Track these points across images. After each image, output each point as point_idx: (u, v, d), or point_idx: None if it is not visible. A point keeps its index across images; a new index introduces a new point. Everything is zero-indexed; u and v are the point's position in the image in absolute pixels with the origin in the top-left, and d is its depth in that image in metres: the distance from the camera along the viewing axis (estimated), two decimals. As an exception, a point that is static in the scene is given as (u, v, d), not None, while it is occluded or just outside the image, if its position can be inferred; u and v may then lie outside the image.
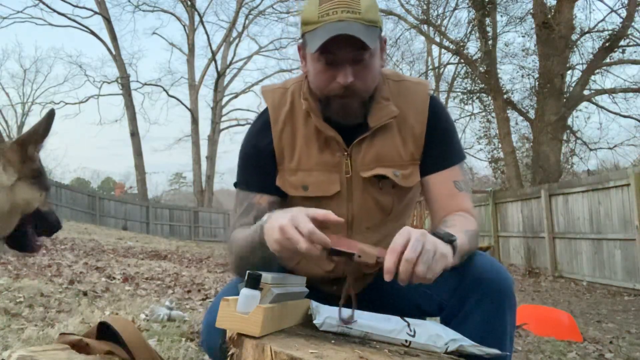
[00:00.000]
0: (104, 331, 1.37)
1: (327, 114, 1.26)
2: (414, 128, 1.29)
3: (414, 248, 0.95)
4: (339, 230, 1.28)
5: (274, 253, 1.07)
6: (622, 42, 12.41)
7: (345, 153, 1.26)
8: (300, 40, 1.27)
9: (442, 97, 22.52)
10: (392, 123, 1.28)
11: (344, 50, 1.15)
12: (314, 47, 1.14)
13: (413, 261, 0.95)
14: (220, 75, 24.85)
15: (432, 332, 1.08)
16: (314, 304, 1.14)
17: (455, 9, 16.21)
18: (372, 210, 1.30)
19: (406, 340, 1.06)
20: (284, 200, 1.32)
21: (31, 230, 1.44)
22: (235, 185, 1.36)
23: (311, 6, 1.18)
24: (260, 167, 1.31)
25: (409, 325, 1.09)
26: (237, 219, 1.31)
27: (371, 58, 1.19)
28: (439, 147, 1.30)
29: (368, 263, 1.00)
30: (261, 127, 1.33)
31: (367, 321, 1.09)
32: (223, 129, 27.26)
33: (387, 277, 0.96)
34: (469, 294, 1.19)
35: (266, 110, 1.34)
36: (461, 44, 14.86)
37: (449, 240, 1.05)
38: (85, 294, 3.70)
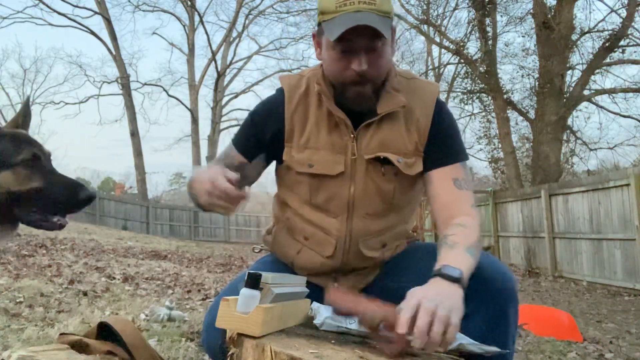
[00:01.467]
0: (104, 331, 1.37)
1: (341, 101, 1.31)
2: (419, 121, 1.34)
3: (428, 308, 0.94)
4: (341, 210, 1.32)
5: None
6: (622, 42, 12.40)
7: (352, 136, 1.31)
8: (316, 29, 1.33)
9: (442, 97, 22.51)
10: (399, 113, 1.33)
11: (359, 39, 1.20)
12: (332, 35, 1.20)
13: (428, 319, 0.93)
14: (220, 75, 24.83)
15: None
16: (315, 304, 1.14)
17: (455, 9, 16.24)
18: (373, 196, 1.33)
19: None
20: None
21: (31, 213, 1.31)
22: (232, 139, 1.47)
23: None
24: (254, 135, 1.40)
25: None
26: (213, 161, 1.49)
27: (384, 47, 1.24)
28: (442, 144, 1.34)
29: (370, 325, 0.99)
30: (275, 102, 1.40)
31: None
32: (223, 129, 27.23)
33: (401, 330, 0.93)
34: (473, 294, 1.19)
35: (281, 89, 1.40)
36: (461, 44, 14.86)
37: (456, 279, 1.06)
38: (85, 294, 3.70)
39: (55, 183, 1.32)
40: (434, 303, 0.95)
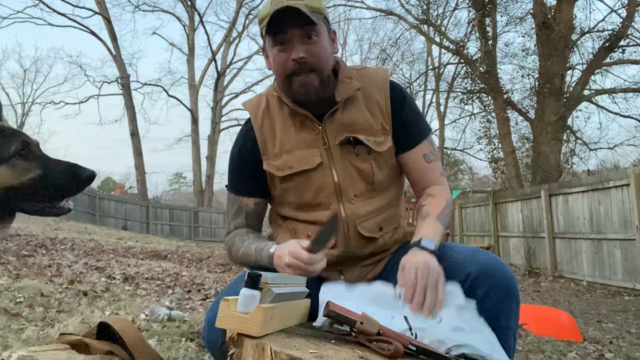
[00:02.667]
0: (104, 331, 1.37)
1: (291, 96, 1.39)
2: (379, 102, 1.43)
3: (423, 279, 1.19)
4: (331, 199, 1.39)
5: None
6: (622, 42, 12.40)
7: (320, 128, 1.39)
8: (263, 44, 1.42)
9: (442, 97, 22.54)
10: (358, 97, 1.41)
11: (292, 29, 1.30)
12: (266, 29, 1.31)
13: (424, 290, 1.18)
14: (220, 75, 24.83)
15: (435, 337, 1.06)
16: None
17: (455, 9, 16.24)
18: (355, 177, 1.40)
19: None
20: (267, 201, 1.52)
21: (35, 203, 1.26)
22: (227, 187, 1.54)
23: (263, 8, 1.34)
24: (245, 172, 1.48)
25: (410, 329, 1.07)
26: (232, 219, 1.51)
27: (319, 37, 1.33)
28: (406, 126, 1.45)
29: (370, 332, 1.00)
30: (244, 131, 1.50)
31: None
32: (223, 129, 27.25)
33: (408, 305, 1.18)
34: (474, 290, 1.22)
35: (249, 118, 1.50)
36: (461, 44, 14.86)
37: (432, 252, 1.27)
38: (85, 294, 3.70)
39: (53, 168, 1.26)
40: (425, 276, 1.19)
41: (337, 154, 1.38)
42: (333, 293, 1.19)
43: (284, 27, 1.30)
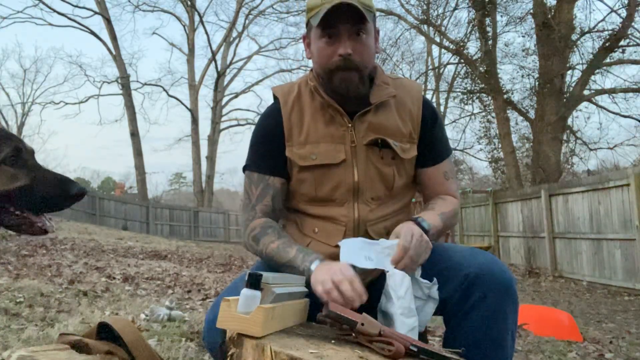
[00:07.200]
0: (104, 331, 1.37)
1: (330, 88, 1.38)
2: (412, 111, 1.44)
3: (416, 247, 1.22)
4: (347, 197, 1.39)
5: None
6: (622, 42, 12.39)
7: (349, 125, 1.39)
8: (305, 31, 1.43)
9: (442, 97, 22.53)
10: (391, 103, 1.43)
11: (343, 24, 1.30)
12: (317, 21, 1.29)
13: (415, 254, 1.22)
14: (220, 75, 24.82)
15: None
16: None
17: (455, 9, 16.20)
18: (375, 180, 1.40)
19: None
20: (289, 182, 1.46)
21: (17, 211, 1.21)
22: (245, 167, 1.47)
23: None
24: (270, 151, 1.43)
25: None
26: (256, 201, 1.43)
27: (367, 36, 1.34)
28: (433, 143, 1.47)
29: (371, 333, 1.00)
30: (271, 112, 1.47)
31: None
32: (223, 129, 27.23)
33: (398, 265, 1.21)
34: (472, 290, 1.22)
35: (276, 100, 1.47)
36: (461, 44, 14.86)
37: (426, 230, 1.28)
38: (85, 294, 3.70)
39: (42, 179, 1.20)
40: (419, 243, 1.23)
41: (362, 153, 1.39)
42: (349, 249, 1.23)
43: (335, 21, 1.29)
